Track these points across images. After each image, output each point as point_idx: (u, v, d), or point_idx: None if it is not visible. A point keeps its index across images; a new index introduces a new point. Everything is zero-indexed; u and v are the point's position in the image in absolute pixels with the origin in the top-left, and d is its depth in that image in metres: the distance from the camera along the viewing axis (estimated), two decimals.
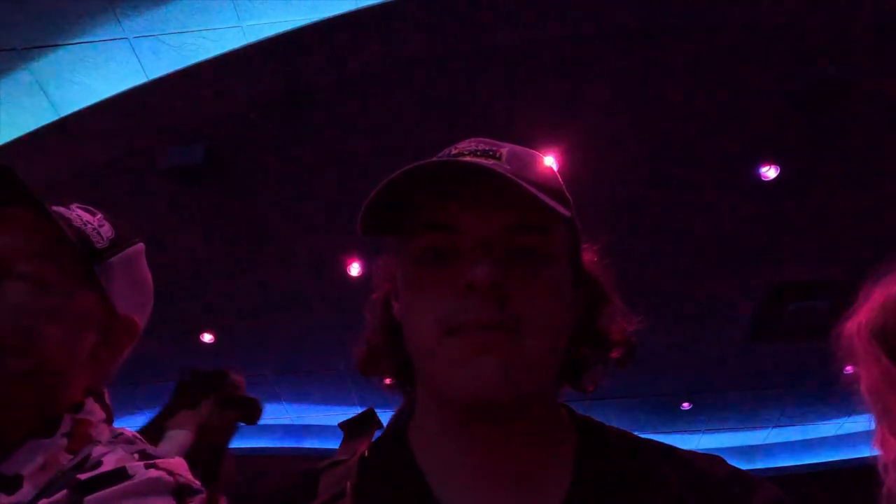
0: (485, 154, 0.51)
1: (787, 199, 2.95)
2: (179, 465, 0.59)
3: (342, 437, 0.59)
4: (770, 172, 2.81)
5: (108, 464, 0.56)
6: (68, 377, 0.61)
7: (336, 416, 4.47)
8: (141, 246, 0.71)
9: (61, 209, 0.63)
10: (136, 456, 0.58)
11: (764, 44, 2.35)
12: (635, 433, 0.57)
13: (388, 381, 0.59)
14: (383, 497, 0.50)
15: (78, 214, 0.64)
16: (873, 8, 2.22)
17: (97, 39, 2.41)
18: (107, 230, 0.65)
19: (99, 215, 0.67)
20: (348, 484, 0.50)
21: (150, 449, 0.61)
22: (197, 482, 0.59)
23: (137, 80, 2.50)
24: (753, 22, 2.28)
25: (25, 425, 0.56)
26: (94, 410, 0.62)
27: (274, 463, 4.72)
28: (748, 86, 2.49)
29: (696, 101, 2.56)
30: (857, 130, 2.64)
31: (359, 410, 0.61)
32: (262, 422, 1.66)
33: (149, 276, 0.72)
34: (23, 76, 2.52)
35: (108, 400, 0.66)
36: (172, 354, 3.94)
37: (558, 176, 0.56)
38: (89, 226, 0.64)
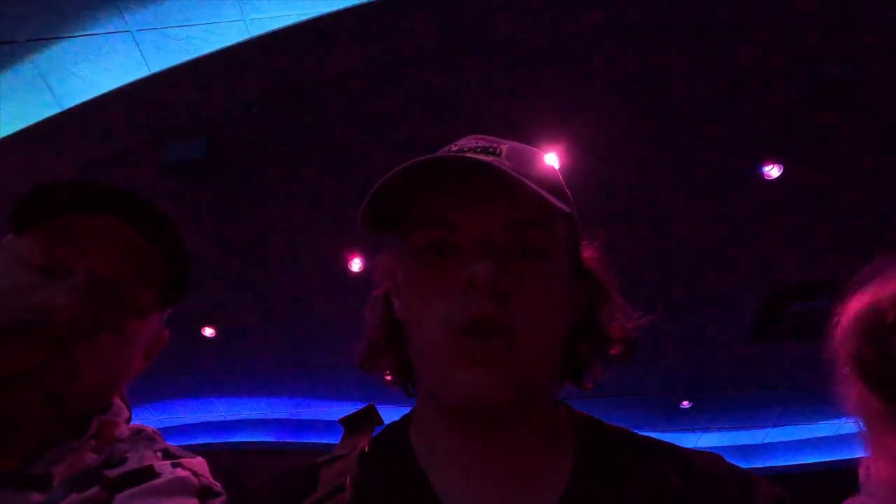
0: (485, 151, 0.51)
1: (790, 199, 2.94)
2: (202, 465, 0.60)
3: (342, 432, 0.59)
4: (773, 172, 2.80)
5: (133, 461, 0.56)
6: (117, 390, 0.63)
7: (336, 411, 4.49)
8: None
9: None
10: (160, 454, 0.59)
11: (767, 42, 2.34)
12: (634, 431, 0.57)
13: (388, 377, 0.60)
14: (383, 492, 0.51)
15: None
16: (876, 7, 2.21)
17: (100, 32, 2.41)
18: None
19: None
20: (348, 478, 0.50)
21: (171, 448, 0.62)
22: (218, 484, 0.60)
23: (140, 73, 2.50)
24: (756, 21, 2.27)
25: (58, 431, 0.57)
26: (120, 411, 0.63)
27: (274, 458, 4.74)
28: (751, 84, 2.48)
29: (699, 100, 2.55)
30: (860, 130, 2.63)
31: (359, 406, 0.61)
32: (262, 416, 1.65)
33: None
34: (25, 69, 2.52)
35: (125, 393, 0.67)
36: (174, 348, 3.95)
37: (558, 173, 0.56)
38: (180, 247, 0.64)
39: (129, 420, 0.64)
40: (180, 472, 0.56)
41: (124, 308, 0.58)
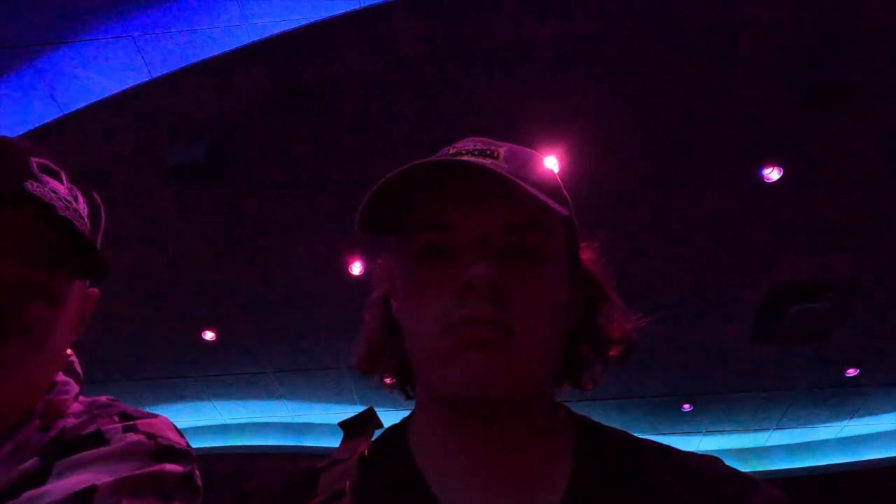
0: (482, 153, 0.51)
1: (790, 201, 2.94)
2: (162, 424, 0.56)
3: (342, 435, 0.59)
4: (773, 174, 2.80)
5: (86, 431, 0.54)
6: (56, 368, 0.58)
7: (336, 414, 4.47)
8: (103, 213, 0.63)
9: (35, 185, 0.53)
10: (116, 418, 0.55)
11: (767, 44, 2.34)
12: (635, 434, 0.57)
13: (387, 380, 0.60)
14: (382, 496, 0.51)
15: (52, 188, 0.54)
16: (876, 9, 2.21)
17: (102, 37, 2.42)
18: (82, 205, 0.57)
19: (65, 177, 0.57)
20: (347, 483, 0.50)
21: (129, 410, 0.58)
22: (182, 442, 0.56)
23: (141, 77, 2.51)
24: (756, 22, 2.28)
25: (5, 422, 0.54)
26: (68, 388, 0.59)
27: (274, 461, 4.73)
28: (751, 86, 2.48)
29: (699, 102, 2.56)
30: (860, 131, 2.63)
31: (359, 409, 0.61)
32: (261, 420, 1.64)
33: None
34: (28, 73, 2.53)
35: (78, 367, 0.62)
36: (174, 351, 3.96)
37: (556, 175, 0.56)
38: (71, 207, 0.55)
39: (78, 394, 0.60)
40: (132, 437, 0.52)
41: (34, 305, 0.52)
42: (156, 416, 0.58)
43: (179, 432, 0.58)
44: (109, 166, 2.77)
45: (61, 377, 0.59)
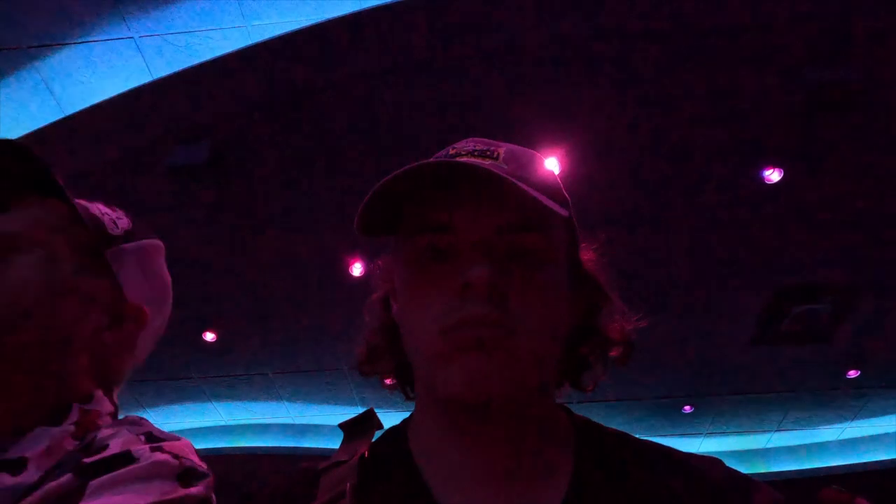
0: (482, 154, 0.51)
1: (791, 202, 2.94)
2: (185, 447, 0.59)
3: (342, 437, 0.59)
4: (774, 176, 2.80)
5: (114, 447, 0.56)
6: (71, 354, 0.61)
7: (337, 415, 4.47)
8: (159, 242, 0.72)
9: (83, 201, 0.66)
10: (143, 438, 0.58)
11: (768, 46, 2.34)
12: (635, 435, 0.57)
13: (387, 381, 0.60)
14: (383, 497, 0.51)
15: (97, 206, 0.67)
16: (877, 10, 2.21)
17: (103, 39, 2.43)
18: (124, 223, 0.68)
19: (121, 212, 0.70)
20: (348, 484, 0.50)
21: (156, 431, 0.61)
22: (203, 465, 0.59)
23: (143, 79, 2.51)
24: (757, 23, 2.28)
25: (34, 414, 0.57)
26: (102, 403, 0.62)
27: (274, 462, 4.72)
28: (752, 88, 2.48)
29: (699, 102, 2.56)
30: (861, 133, 2.63)
31: (359, 410, 0.61)
32: (262, 421, 1.64)
33: (166, 273, 0.73)
34: (29, 75, 2.54)
35: (115, 399, 0.66)
36: (175, 353, 3.96)
37: (556, 176, 0.56)
38: (106, 216, 0.66)
39: (112, 414, 0.63)
40: (159, 456, 0.55)
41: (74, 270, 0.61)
42: (179, 438, 0.61)
43: (198, 455, 0.62)
44: (110, 167, 2.77)
45: (98, 394, 0.63)
